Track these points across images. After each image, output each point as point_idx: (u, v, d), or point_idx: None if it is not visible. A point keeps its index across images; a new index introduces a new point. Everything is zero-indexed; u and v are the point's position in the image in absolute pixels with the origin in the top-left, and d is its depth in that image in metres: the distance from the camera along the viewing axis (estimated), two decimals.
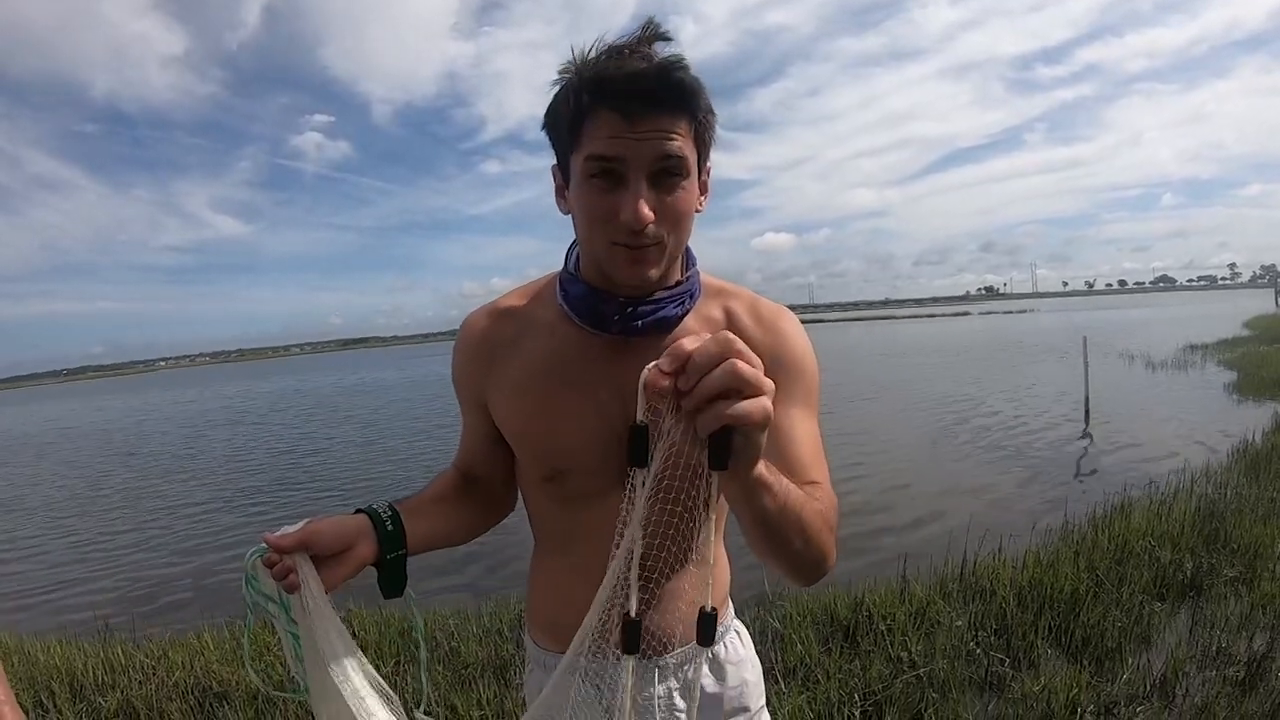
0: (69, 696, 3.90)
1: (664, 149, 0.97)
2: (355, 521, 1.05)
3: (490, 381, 1.20)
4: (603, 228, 1.01)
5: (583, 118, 0.98)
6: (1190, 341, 22.26)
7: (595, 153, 0.98)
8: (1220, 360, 17.32)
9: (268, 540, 0.97)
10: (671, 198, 1.00)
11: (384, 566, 1.07)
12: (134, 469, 15.11)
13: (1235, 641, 3.50)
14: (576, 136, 1.00)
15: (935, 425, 11.86)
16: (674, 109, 0.97)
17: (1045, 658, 3.54)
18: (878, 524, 6.61)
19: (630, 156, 0.97)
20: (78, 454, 19.51)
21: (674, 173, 0.99)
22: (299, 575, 0.96)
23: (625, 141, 0.96)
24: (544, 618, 1.30)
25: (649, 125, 0.96)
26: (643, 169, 0.97)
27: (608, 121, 0.96)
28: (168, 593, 6.75)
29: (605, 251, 1.04)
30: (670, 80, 0.95)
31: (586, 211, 1.03)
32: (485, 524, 1.30)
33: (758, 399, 0.72)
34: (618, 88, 0.95)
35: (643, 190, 0.97)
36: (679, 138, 0.98)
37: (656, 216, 0.99)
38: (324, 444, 15.76)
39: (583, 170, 1.00)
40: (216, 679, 3.91)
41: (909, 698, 3.21)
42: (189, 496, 11.36)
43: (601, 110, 0.96)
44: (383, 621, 4.46)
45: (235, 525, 9.17)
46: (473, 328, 1.23)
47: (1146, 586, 4.14)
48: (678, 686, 1.23)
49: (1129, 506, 5.76)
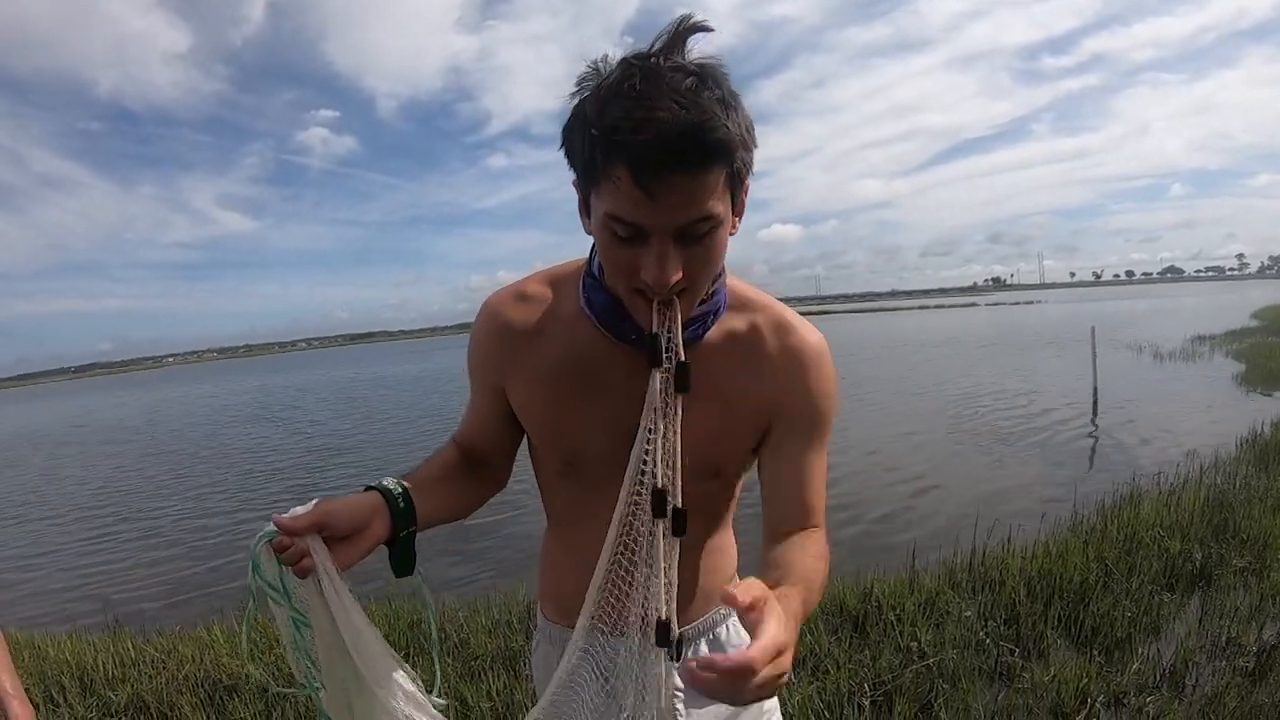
0: (79, 691, 3.91)
1: (691, 213, 0.87)
2: (368, 500, 1.00)
3: (510, 368, 1.17)
4: (624, 277, 0.95)
5: (598, 170, 0.88)
6: (1198, 332, 22.19)
7: (615, 213, 0.88)
8: (1228, 351, 17.27)
9: (278, 522, 0.91)
10: (700, 249, 0.92)
11: (396, 544, 1.03)
12: (145, 464, 15.19)
13: (1245, 632, 3.48)
14: (595, 181, 0.90)
15: (943, 416, 11.86)
16: (703, 169, 0.85)
17: (1055, 648, 3.53)
18: (886, 514, 6.63)
19: (652, 223, 0.87)
20: (90, 450, 19.58)
21: (705, 227, 0.90)
22: (313, 559, 0.92)
23: (645, 210, 0.86)
24: (551, 590, 1.31)
25: (673, 192, 0.85)
26: (668, 231, 0.88)
27: (626, 189, 0.85)
28: (177, 587, 6.77)
29: (627, 296, 0.99)
30: (697, 141, 0.83)
31: (607, 259, 0.96)
32: (481, 499, 1.26)
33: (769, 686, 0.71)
34: (635, 154, 0.83)
35: (669, 249, 0.89)
36: (709, 193, 0.87)
37: (683, 271, 0.91)
38: (345, 440, 15.77)
39: (603, 220, 0.91)
40: (226, 672, 3.91)
41: (919, 688, 3.20)
42: (200, 490, 11.41)
43: (617, 173, 0.85)
44: (391, 615, 4.46)
45: (249, 519, 9.19)
46: (496, 311, 1.18)
47: (1156, 577, 4.13)
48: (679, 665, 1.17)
49: (1138, 497, 5.75)
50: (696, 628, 1.25)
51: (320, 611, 0.96)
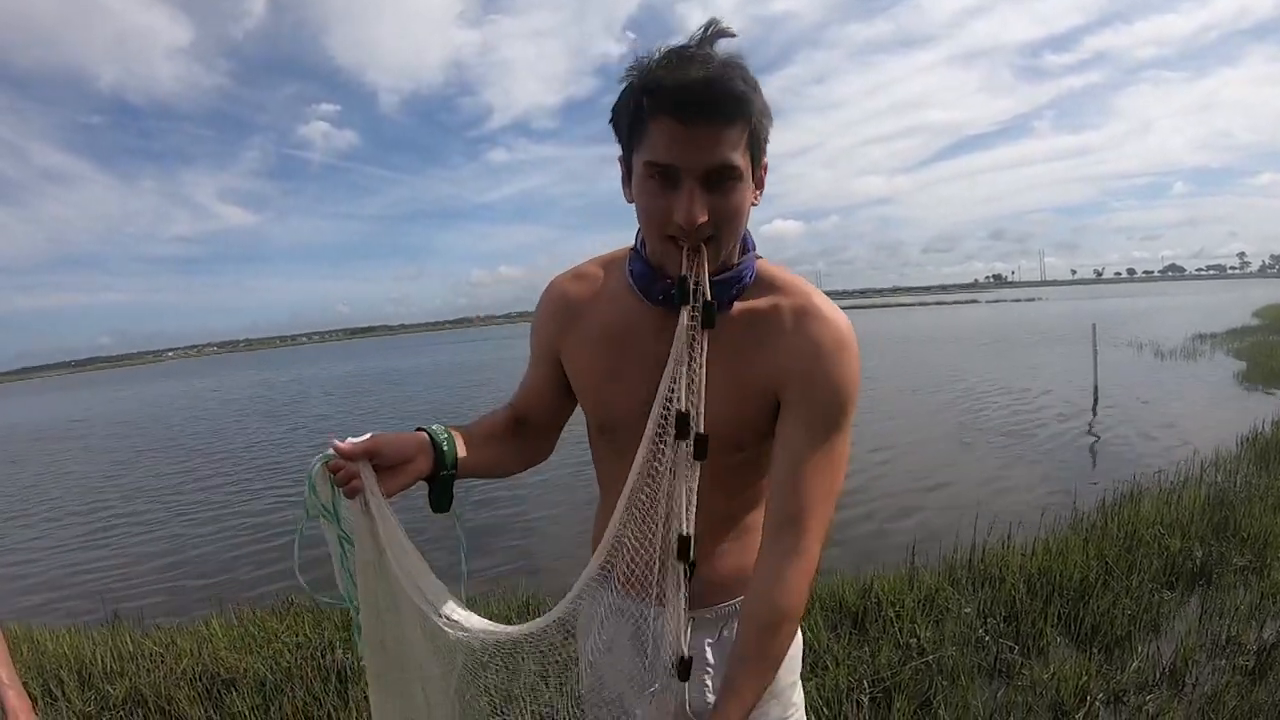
0: (77, 685, 3.91)
1: (716, 156, 1.03)
2: (416, 438, 1.15)
3: (564, 338, 1.31)
4: (659, 224, 1.09)
5: (641, 123, 1.05)
6: (1199, 331, 22.18)
7: (651, 159, 1.05)
8: (1229, 349, 17.26)
9: (335, 446, 1.07)
10: (724, 198, 1.06)
11: (435, 482, 1.17)
12: (144, 458, 15.20)
13: (1245, 630, 3.48)
14: (636, 139, 1.08)
15: (943, 412, 11.86)
16: (726, 117, 1.02)
17: (1054, 645, 3.53)
18: (885, 510, 6.63)
19: (683, 163, 1.03)
20: (90, 445, 19.59)
21: (726, 177, 1.05)
22: (361, 481, 1.06)
23: (678, 149, 1.02)
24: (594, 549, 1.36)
25: (701, 134, 1.02)
26: (696, 173, 1.03)
27: (662, 129, 1.02)
28: (176, 581, 6.79)
29: (660, 244, 1.12)
30: (722, 90, 1.00)
31: (645, 208, 1.10)
32: (522, 463, 1.38)
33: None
34: (671, 97, 1.01)
35: (696, 193, 1.04)
36: (731, 144, 1.03)
37: (709, 216, 1.05)
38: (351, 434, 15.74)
39: (642, 171, 1.07)
40: (225, 666, 3.91)
41: (918, 684, 3.20)
42: (200, 485, 11.43)
43: (657, 118, 1.02)
44: None
45: (249, 514, 9.22)
46: (556, 288, 1.33)
47: (1156, 575, 4.12)
48: (713, 641, 1.31)
49: (1138, 494, 5.75)
50: (728, 609, 1.31)
51: (363, 531, 1.09)
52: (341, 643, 4.04)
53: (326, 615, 4.53)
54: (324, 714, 3.33)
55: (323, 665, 3.81)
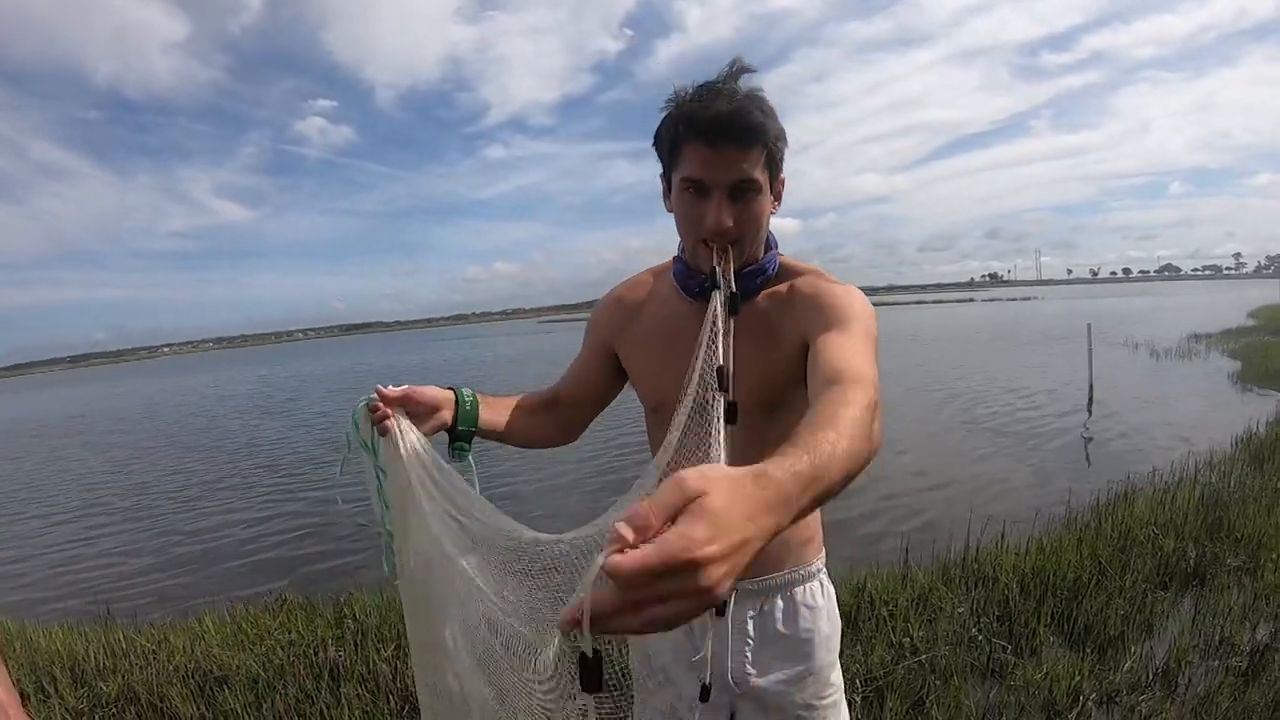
0: (70, 682, 3.90)
1: (738, 173, 1.26)
2: (444, 393, 1.40)
3: (623, 336, 1.56)
4: (694, 229, 1.33)
5: (678, 147, 1.29)
6: (1195, 331, 22.20)
7: (687, 175, 1.29)
8: (1224, 350, 17.27)
9: (378, 390, 1.31)
10: (746, 208, 1.30)
11: (454, 435, 1.40)
12: (140, 455, 15.19)
13: (1238, 631, 3.48)
14: (674, 160, 1.32)
15: (938, 411, 11.88)
16: (746, 142, 1.25)
17: (1048, 645, 3.53)
18: (879, 509, 6.62)
19: (712, 179, 1.27)
20: (87, 442, 19.53)
21: (748, 190, 1.28)
22: (393, 421, 1.29)
23: (708, 168, 1.26)
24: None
25: (726, 155, 1.25)
26: (723, 187, 1.27)
27: (696, 152, 1.26)
28: (169, 577, 6.77)
29: (695, 246, 1.36)
30: (743, 121, 1.23)
31: (682, 216, 1.35)
32: (543, 439, 1.59)
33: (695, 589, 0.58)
34: (702, 126, 1.24)
35: (723, 203, 1.28)
36: (751, 163, 1.26)
37: (734, 222, 1.29)
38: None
39: (679, 185, 1.31)
40: (217, 663, 3.91)
41: (911, 684, 3.20)
42: (195, 482, 11.42)
43: (691, 142, 1.26)
44: (383, 605, 4.47)
45: (241, 510, 9.23)
46: (613, 296, 1.61)
47: (1150, 575, 4.12)
48: (754, 614, 1.46)
49: (1132, 494, 5.76)
50: (771, 583, 1.47)
51: (396, 465, 1.30)
52: (334, 640, 4.04)
53: (319, 612, 4.54)
54: (316, 711, 3.33)
55: (315, 662, 3.81)
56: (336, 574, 6.17)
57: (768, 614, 1.47)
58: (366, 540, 7.21)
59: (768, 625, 1.47)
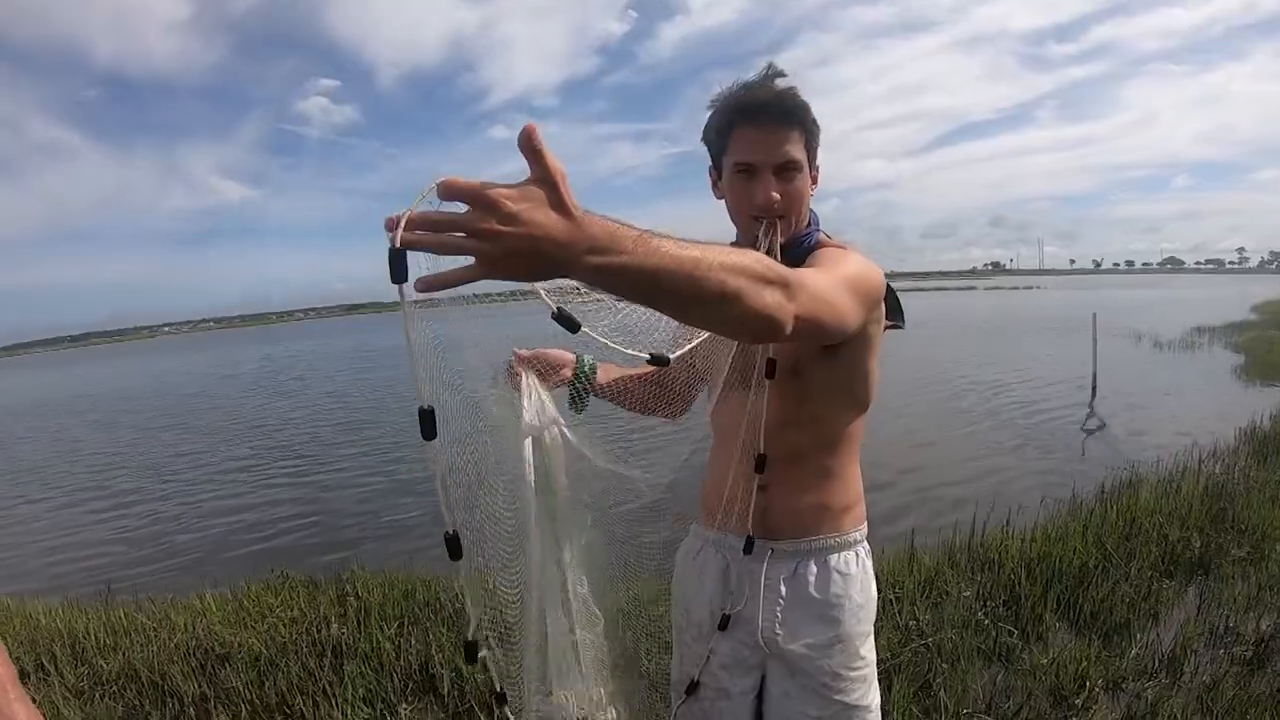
0: (70, 659, 3.90)
1: (783, 153, 1.40)
2: (567, 356, 1.57)
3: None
4: (745, 206, 1.44)
5: (729, 132, 1.43)
6: (1198, 324, 22.16)
7: (738, 159, 1.42)
8: (1228, 343, 17.24)
9: (515, 352, 1.49)
10: (789, 185, 1.42)
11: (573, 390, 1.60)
12: (141, 435, 15.20)
13: (1243, 621, 3.48)
14: (724, 147, 1.45)
15: (942, 398, 11.89)
16: (788, 123, 1.39)
17: (1054, 631, 3.53)
18: (885, 493, 6.62)
19: (759, 160, 1.40)
20: (88, 420, 19.59)
21: (791, 169, 1.41)
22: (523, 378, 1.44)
23: (756, 148, 1.40)
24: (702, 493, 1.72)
25: (771, 136, 1.39)
26: (769, 166, 1.40)
27: (744, 135, 1.41)
28: (169, 555, 6.79)
29: (745, 223, 1.46)
30: (785, 105, 1.39)
31: (734, 196, 1.46)
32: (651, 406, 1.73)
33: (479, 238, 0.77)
34: (749, 111, 1.40)
35: (770, 180, 1.40)
36: (793, 143, 1.40)
37: (781, 198, 1.41)
38: (360, 413, 15.65)
39: (731, 169, 1.44)
40: (219, 641, 3.91)
41: (917, 667, 3.20)
42: (196, 461, 11.43)
43: (740, 127, 1.41)
44: (386, 583, 4.47)
45: (243, 489, 9.25)
46: None
47: (1155, 563, 4.12)
48: (787, 576, 1.54)
49: (1137, 483, 5.76)
50: (806, 546, 1.54)
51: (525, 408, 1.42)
52: (337, 617, 4.04)
53: (321, 590, 4.54)
54: (319, 689, 3.32)
55: (318, 640, 3.81)
56: (338, 551, 6.18)
57: (800, 576, 1.53)
58: (369, 519, 7.24)
59: (800, 587, 1.53)
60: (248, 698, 3.34)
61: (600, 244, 0.82)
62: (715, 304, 0.93)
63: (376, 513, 7.50)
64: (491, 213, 0.75)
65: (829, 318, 1.16)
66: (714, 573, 1.62)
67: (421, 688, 3.38)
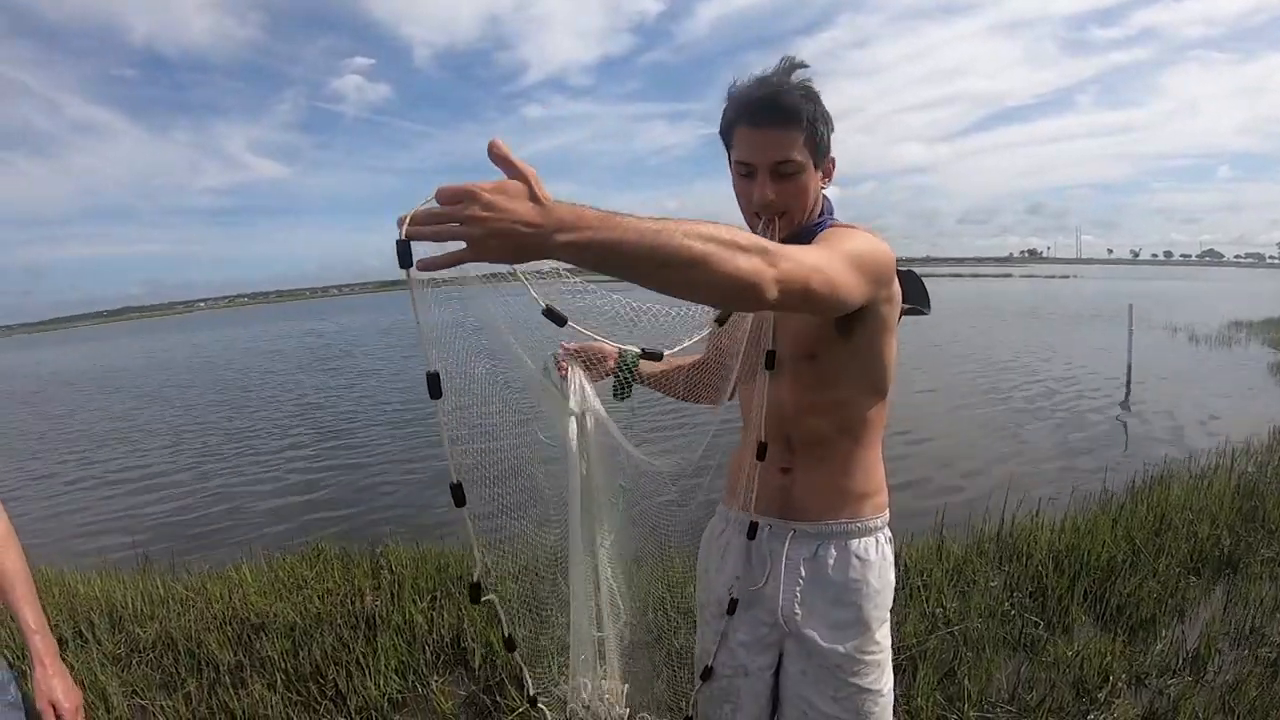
0: (108, 627, 4.00)
1: (778, 154, 1.41)
2: (612, 349, 1.71)
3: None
4: (746, 205, 1.49)
5: (731, 130, 1.47)
6: (1236, 318, 21.78)
7: (737, 158, 1.46)
8: (1266, 339, 16.93)
9: (562, 345, 1.65)
10: (789, 185, 1.44)
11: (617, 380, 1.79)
12: (179, 408, 15.38)
13: (1269, 622, 3.45)
14: (729, 143, 1.49)
15: (974, 387, 11.79)
16: (787, 124, 1.39)
17: (1080, 623, 3.53)
18: (915, 481, 6.64)
19: (755, 159, 1.43)
20: (127, 392, 19.81)
21: (788, 169, 1.42)
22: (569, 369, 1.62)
23: (752, 149, 1.43)
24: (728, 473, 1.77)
25: (766, 136, 1.41)
26: (766, 166, 1.42)
27: (742, 135, 1.44)
28: (207, 526, 6.93)
29: (749, 219, 1.50)
30: (784, 104, 1.38)
31: (738, 195, 1.50)
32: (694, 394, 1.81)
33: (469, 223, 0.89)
34: (745, 111, 1.42)
35: (766, 180, 1.43)
36: (790, 142, 1.40)
37: (777, 198, 1.44)
38: (398, 388, 15.72)
39: (733, 169, 1.49)
40: (255, 611, 3.99)
41: (943, 654, 3.22)
42: (235, 434, 11.60)
43: (738, 126, 1.45)
44: (419, 557, 4.55)
45: (281, 463, 9.37)
46: None
47: (1183, 560, 4.09)
48: (808, 557, 1.57)
49: (1168, 478, 5.70)
50: (826, 529, 1.57)
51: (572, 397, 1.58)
52: (371, 589, 4.11)
53: (356, 563, 4.61)
54: (352, 659, 3.39)
55: (351, 611, 3.88)
56: (374, 525, 6.26)
57: (820, 558, 1.56)
58: (404, 493, 7.31)
59: (819, 569, 1.56)
60: (282, 667, 3.42)
61: (567, 223, 0.92)
62: (682, 267, 0.98)
63: (411, 488, 7.60)
64: (474, 201, 0.87)
65: (820, 285, 1.14)
66: (736, 551, 1.66)
67: (453, 660, 3.45)
